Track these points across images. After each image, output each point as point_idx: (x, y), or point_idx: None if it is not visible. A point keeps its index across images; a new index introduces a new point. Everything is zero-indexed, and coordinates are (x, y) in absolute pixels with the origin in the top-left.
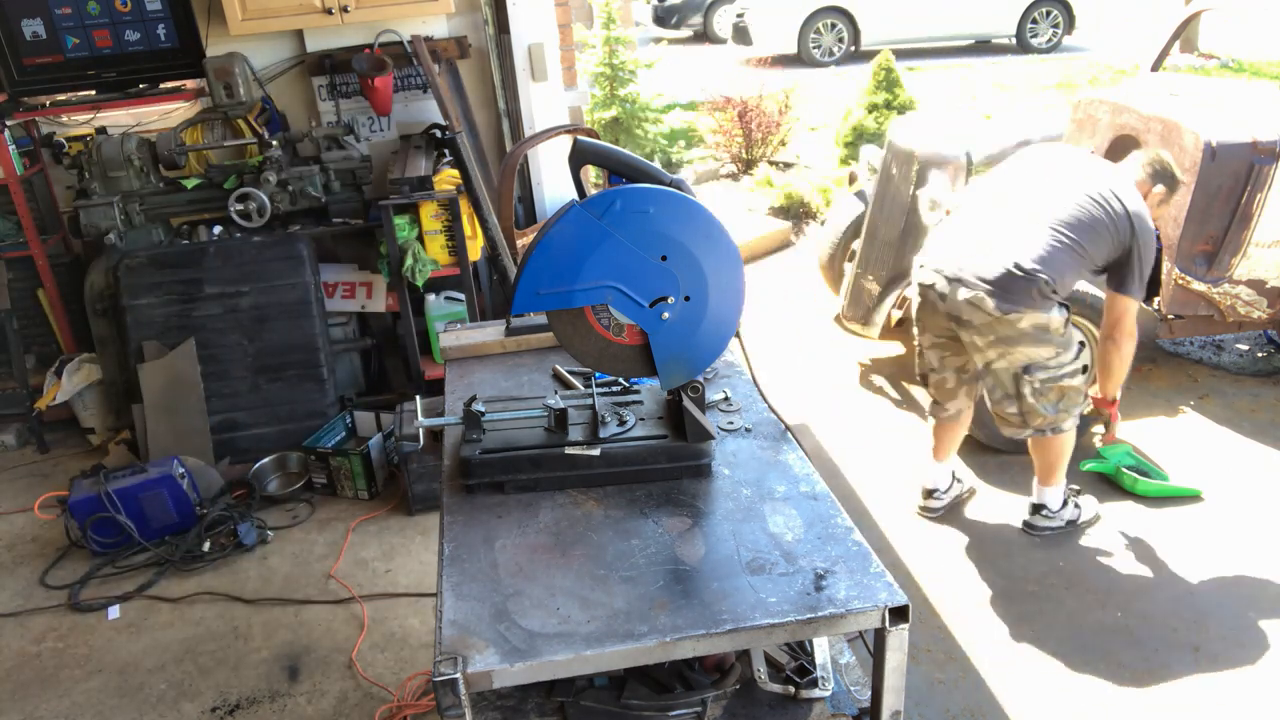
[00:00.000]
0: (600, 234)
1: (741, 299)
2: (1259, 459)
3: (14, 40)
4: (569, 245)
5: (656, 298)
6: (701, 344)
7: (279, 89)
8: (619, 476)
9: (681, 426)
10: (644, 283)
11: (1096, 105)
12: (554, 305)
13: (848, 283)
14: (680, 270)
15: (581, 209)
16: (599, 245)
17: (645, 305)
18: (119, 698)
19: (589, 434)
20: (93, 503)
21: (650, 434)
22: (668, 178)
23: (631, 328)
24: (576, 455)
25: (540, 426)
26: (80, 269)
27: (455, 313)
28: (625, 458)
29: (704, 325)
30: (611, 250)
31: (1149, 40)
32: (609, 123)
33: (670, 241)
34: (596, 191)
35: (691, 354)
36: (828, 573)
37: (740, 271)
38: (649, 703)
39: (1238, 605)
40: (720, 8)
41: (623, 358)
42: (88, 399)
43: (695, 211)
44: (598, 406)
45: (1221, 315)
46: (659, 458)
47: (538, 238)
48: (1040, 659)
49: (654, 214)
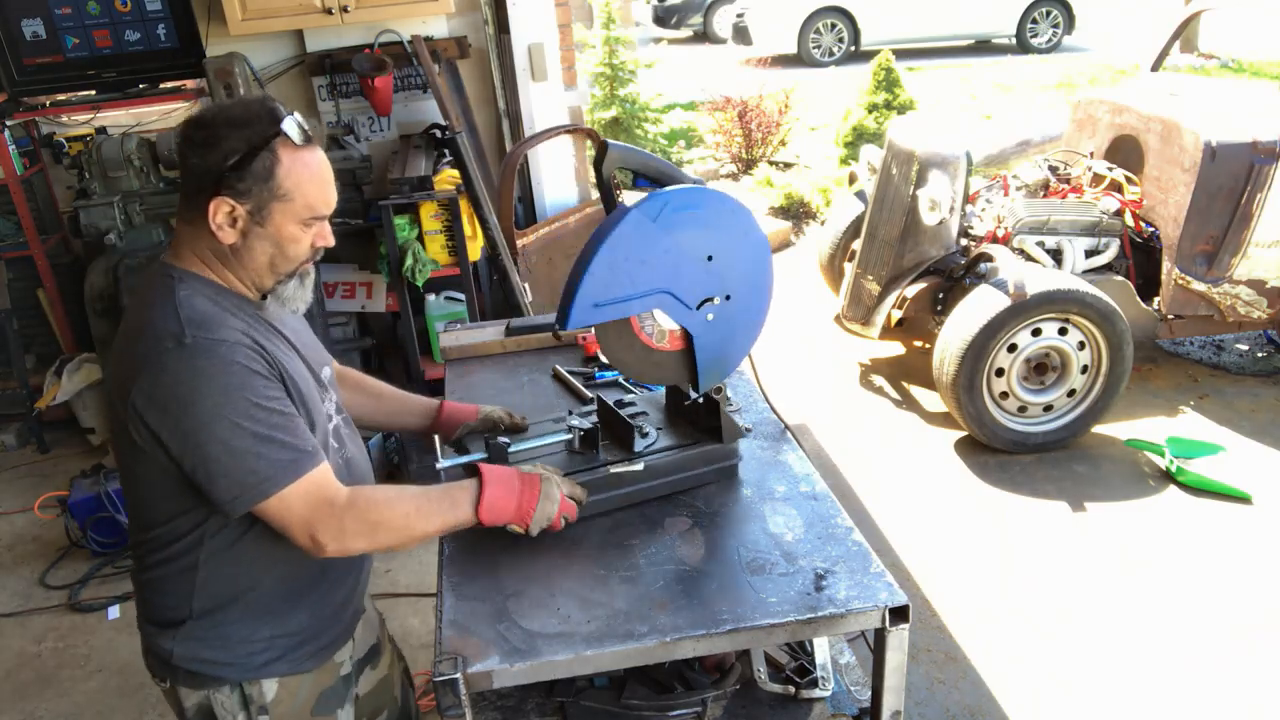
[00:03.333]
0: (655, 238)
1: (770, 293)
2: (1259, 459)
3: (14, 40)
4: (628, 252)
5: (703, 299)
6: (737, 342)
7: (279, 89)
8: (660, 489)
9: (702, 429)
10: (693, 284)
11: (1096, 105)
12: (612, 315)
13: (848, 283)
14: (724, 269)
15: (639, 212)
16: (654, 249)
17: (693, 308)
18: (119, 698)
19: (620, 449)
20: (93, 503)
21: (683, 440)
22: (690, 179)
23: (673, 333)
24: (623, 473)
25: (564, 450)
26: (80, 269)
27: (455, 313)
28: (666, 469)
29: (739, 322)
30: (666, 253)
31: (1149, 40)
32: (609, 123)
33: (715, 241)
34: (620, 196)
35: (727, 354)
36: (828, 573)
37: (770, 265)
38: (649, 703)
39: (1240, 608)
40: (720, 8)
41: (664, 364)
42: (88, 399)
43: (734, 208)
44: (630, 418)
45: (1221, 315)
46: (695, 463)
47: (591, 247)
48: (1040, 659)
49: (702, 214)
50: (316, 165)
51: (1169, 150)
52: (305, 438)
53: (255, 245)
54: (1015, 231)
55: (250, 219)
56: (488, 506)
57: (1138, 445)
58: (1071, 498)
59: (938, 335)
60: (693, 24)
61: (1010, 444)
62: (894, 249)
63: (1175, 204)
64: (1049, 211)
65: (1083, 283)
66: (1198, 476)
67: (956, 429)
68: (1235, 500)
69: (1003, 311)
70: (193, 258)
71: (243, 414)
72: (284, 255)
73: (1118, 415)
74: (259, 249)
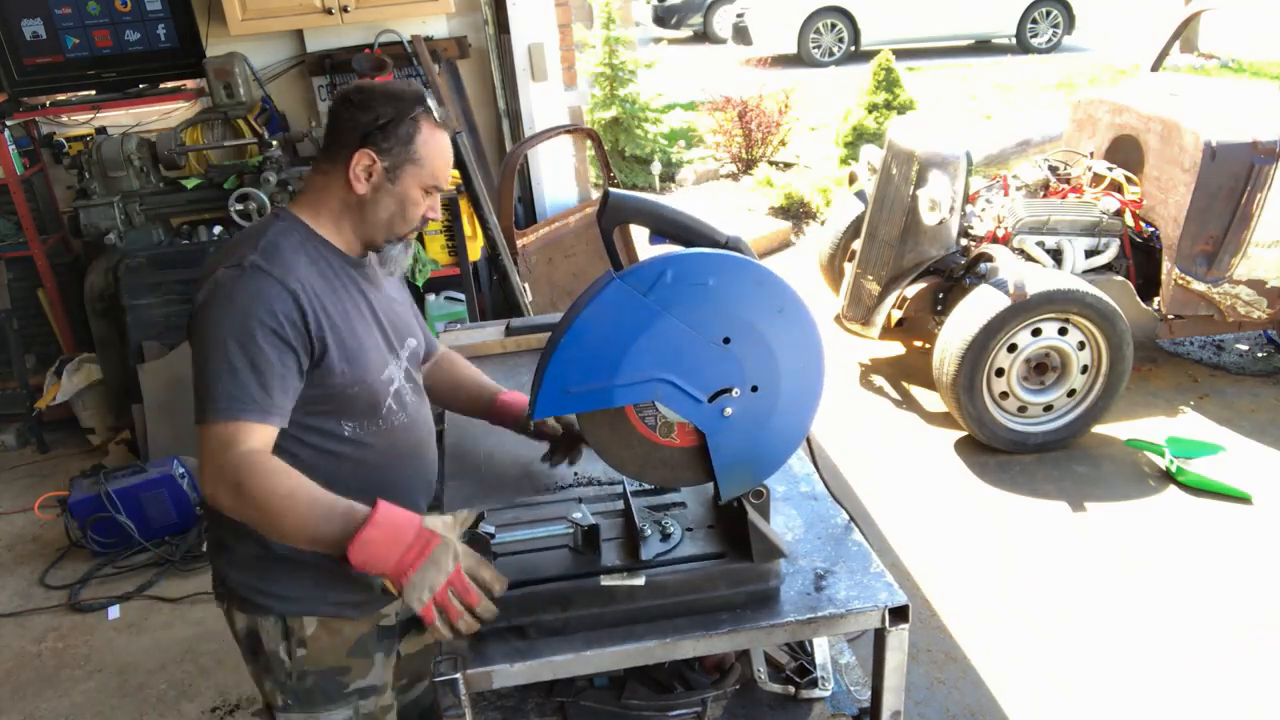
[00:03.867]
0: (648, 314)
1: (820, 384)
2: (1259, 459)
3: (14, 40)
4: (608, 330)
5: (717, 390)
6: (770, 443)
7: (279, 89)
8: (667, 610)
9: (739, 537)
10: (702, 372)
11: (1096, 105)
12: (588, 405)
13: (848, 283)
14: (746, 354)
15: (623, 283)
16: (646, 328)
17: (704, 400)
18: (119, 698)
19: (626, 555)
20: (93, 503)
21: (703, 552)
22: (722, 236)
23: (683, 426)
24: (616, 587)
25: (565, 545)
26: (80, 269)
27: (455, 313)
28: (675, 587)
29: (774, 420)
30: (662, 333)
31: (1149, 40)
32: (609, 123)
33: (735, 319)
34: (632, 262)
35: (758, 456)
36: (828, 573)
37: (820, 352)
38: (649, 703)
39: (1240, 608)
40: (720, 8)
41: (672, 463)
42: (88, 399)
43: (764, 279)
44: (635, 516)
45: (1221, 315)
46: (716, 583)
47: (566, 320)
48: (1040, 659)
49: (715, 286)
50: (445, 144)
51: (1169, 150)
52: (273, 392)
53: (381, 201)
54: (1015, 231)
55: (385, 175)
56: (360, 544)
57: (1138, 445)
58: (1071, 498)
59: (938, 335)
60: (693, 24)
61: (1010, 444)
62: (894, 249)
63: (1175, 204)
64: (1049, 211)
65: (1083, 283)
66: (1198, 476)
67: (956, 429)
68: (1235, 500)
69: (1003, 311)
70: (309, 207)
71: (240, 338)
72: (403, 216)
73: (1118, 415)
74: (384, 205)
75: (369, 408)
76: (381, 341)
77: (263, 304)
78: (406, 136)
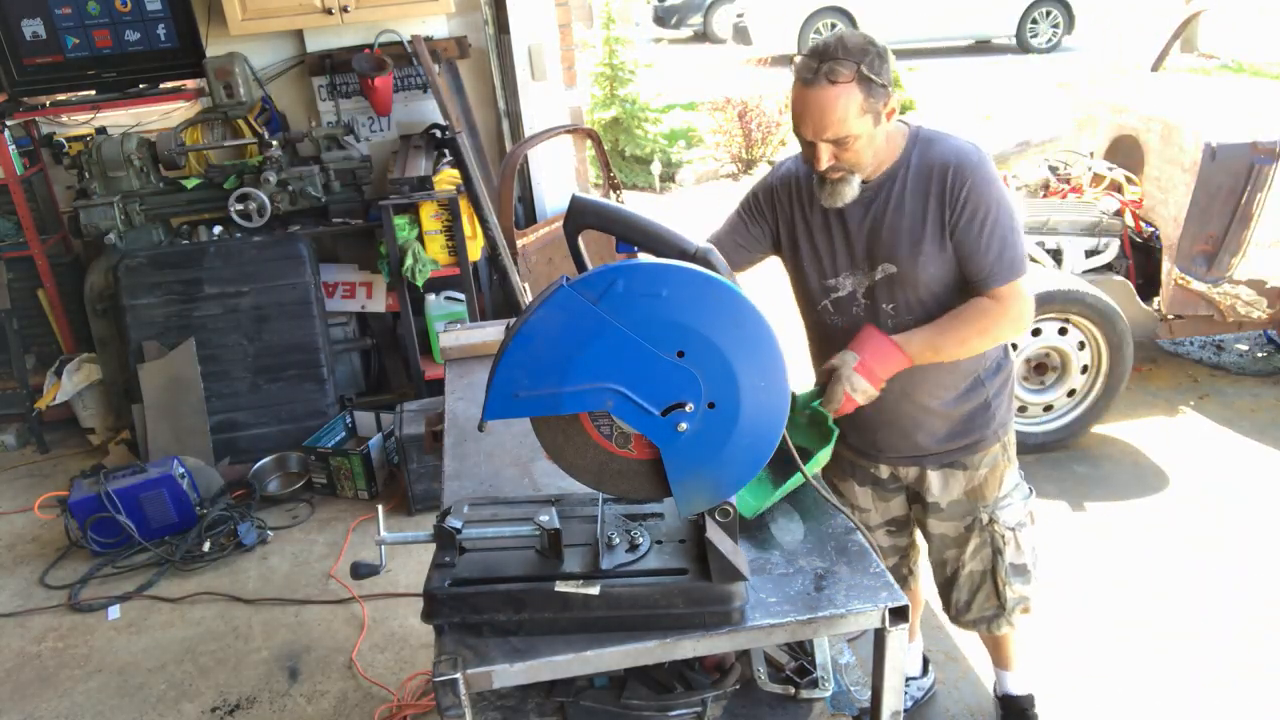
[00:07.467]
0: (597, 323)
1: (785, 405)
2: (1259, 459)
3: (14, 40)
4: (556, 336)
5: (671, 404)
6: (731, 461)
7: (279, 89)
8: (624, 622)
9: (694, 554)
10: (654, 385)
11: (1096, 105)
12: (537, 410)
13: None
14: (702, 370)
15: (571, 290)
16: (595, 337)
17: (656, 413)
18: (119, 698)
19: (588, 563)
20: (93, 503)
21: (665, 566)
22: (692, 246)
23: (640, 438)
24: (570, 594)
25: (531, 547)
26: (80, 269)
27: (455, 313)
28: (631, 600)
29: (734, 438)
30: (611, 343)
31: (1149, 40)
32: (609, 123)
33: (690, 333)
34: (592, 266)
35: (718, 473)
36: (828, 573)
37: (783, 371)
38: (649, 703)
39: (1242, 607)
40: (720, 8)
41: (629, 474)
42: (88, 399)
43: (723, 294)
44: (603, 525)
45: (1221, 315)
46: (674, 600)
47: (517, 324)
48: (1040, 659)
49: (668, 297)
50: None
51: (1169, 150)
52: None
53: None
54: None
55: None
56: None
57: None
58: (1071, 498)
59: None
60: (693, 24)
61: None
62: None
63: (1175, 204)
64: (1049, 211)
65: (1083, 283)
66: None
67: None
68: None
69: None
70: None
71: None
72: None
73: (1118, 415)
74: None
75: None
76: (826, 249)
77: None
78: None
